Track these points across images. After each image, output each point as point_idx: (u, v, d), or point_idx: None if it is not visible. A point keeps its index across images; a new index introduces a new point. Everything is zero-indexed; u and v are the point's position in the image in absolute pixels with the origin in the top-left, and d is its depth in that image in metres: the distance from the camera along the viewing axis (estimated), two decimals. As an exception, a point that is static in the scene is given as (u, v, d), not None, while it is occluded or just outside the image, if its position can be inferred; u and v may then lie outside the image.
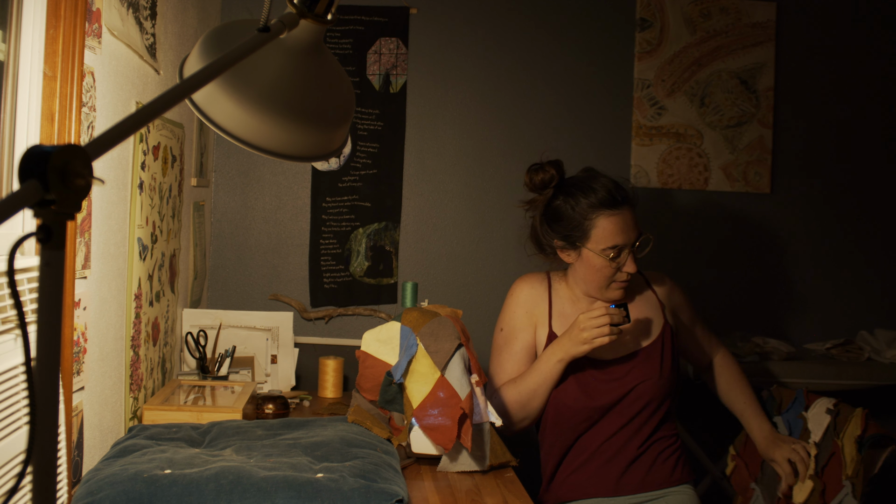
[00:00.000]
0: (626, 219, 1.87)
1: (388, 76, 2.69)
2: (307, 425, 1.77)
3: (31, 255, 1.34)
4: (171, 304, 2.16)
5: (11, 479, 1.20)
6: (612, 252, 1.87)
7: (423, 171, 2.72)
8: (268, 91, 1.06)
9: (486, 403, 1.77)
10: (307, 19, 1.03)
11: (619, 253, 1.87)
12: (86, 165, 0.62)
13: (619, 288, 1.92)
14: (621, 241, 1.87)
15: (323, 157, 1.15)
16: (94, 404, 1.59)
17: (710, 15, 2.78)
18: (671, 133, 2.77)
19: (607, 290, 1.92)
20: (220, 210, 2.67)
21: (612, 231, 1.86)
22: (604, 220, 1.87)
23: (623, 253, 1.88)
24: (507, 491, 1.64)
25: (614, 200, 1.87)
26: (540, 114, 2.75)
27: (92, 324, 1.55)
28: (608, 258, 1.87)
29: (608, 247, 1.86)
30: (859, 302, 2.83)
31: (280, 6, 1.07)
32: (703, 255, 2.80)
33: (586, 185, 1.91)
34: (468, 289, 2.73)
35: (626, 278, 1.90)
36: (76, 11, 1.38)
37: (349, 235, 2.69)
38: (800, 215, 2.83)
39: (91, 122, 1.50)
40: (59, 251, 0.61)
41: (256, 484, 1.34)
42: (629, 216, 1.88)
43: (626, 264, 1.88)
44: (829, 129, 2.84)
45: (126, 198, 1.73)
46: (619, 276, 1.90)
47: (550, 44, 2.75)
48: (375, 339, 1.90)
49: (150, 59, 1.87)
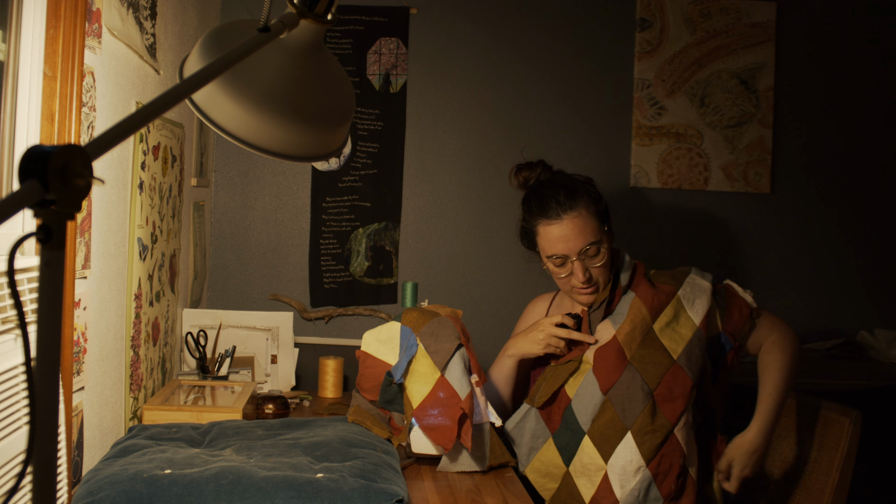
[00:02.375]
0: (566, 229, 1.81)
1: (388, 76, 2.69)
2: (307, 425, 1.77)
3: (31, 255, 1.34)
4: (171, 304, 2.16)
5: (11, 479, 1.20)
6: (556, 260, 1.85)
7: (423, 171, 2.72)
8: (268, 91, 1.06)
9: (486, 403, 1.77)
10: (307, 19, 1.03)
11: (564, 262, 1.84)
12: (86, 165, 0.62)
13: (583, 293, 1.87)
14: (560, 251, 1.83)
15: (323, 157, 1.15)
16: (94, 404, 1.59)
17: (710, 15, 2.78)
18: (671, 133, 2.77)
19: (575, 296, 1.91)
20: (220, 210, 2.67)
21: (551, 241, 1.84)
22: (543, 230, 1.85)
23: (568, 262, 1.84)
24: (507, 491, 1.64)
25: (554, 211, 1.83)
26: (540, 114, 2.75)
27: (92, 324, 1.55)
28: (555, 266, 1.86)
29: (549, 255, 1.85)
30: (859, 302, 2.83)
31: (280, 6, 1.07)
32: (702, 255, 2.80)
33: (537, 192, 1.89)
34: (468, 289, 2.73)
35: (581, 287, 1.85)
36: (76, 11, 1.38)
37: (349, 235, 2.69)
38: (800, 215, 2.83)
39: (91, 122, 1.50)
40: (59, 251, 0.61)
41: (256, 484, 1.34)
42: (570, 226, 1.81)
43: (575, 274, 1.83)
44: (829, 129, 2.84)
45: (126, 198, 1.73)
46: (574, 283, 1.86)
47: (550, 44, 2.75)
48: (375, 339, 1.90)
49: (150, 59, 1.87)
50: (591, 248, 1.83)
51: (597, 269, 1.86)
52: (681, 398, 1.78)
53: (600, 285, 1.89)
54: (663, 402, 1.78)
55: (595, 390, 1.80)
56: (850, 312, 2.83)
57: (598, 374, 1.81)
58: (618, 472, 1.76)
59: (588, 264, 1.84)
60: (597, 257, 1.85)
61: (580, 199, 1.84)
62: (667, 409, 1.77)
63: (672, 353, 1.82)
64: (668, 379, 1.79)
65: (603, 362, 1.82)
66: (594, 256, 1.84)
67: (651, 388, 1.78)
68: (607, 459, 1.77)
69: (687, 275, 1.94)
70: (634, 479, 1.75)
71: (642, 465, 1.75)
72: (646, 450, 1.75)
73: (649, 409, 1.77)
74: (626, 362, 1.81)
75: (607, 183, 2.75)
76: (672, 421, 1.77)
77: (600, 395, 1.80)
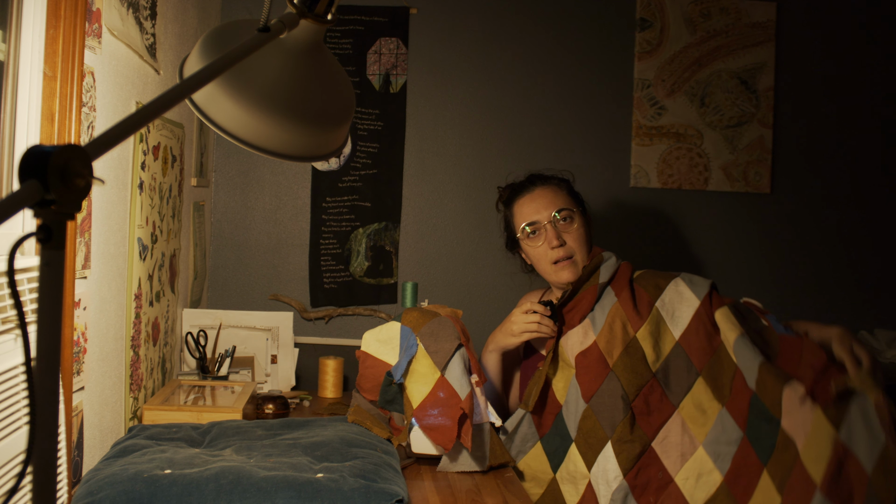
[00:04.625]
0: (536, 196, 1.97)
1: (388, 76, 2.69)
2: (307, 425, 1.77)
3: (31, 255, 1.34)
4: (171, 304, 2.16)
5: (11, 479, 1.20)
6: (528, 229, 1.94)
7: (423, 171, 2.72)
8: (268, 91, 1.06)
9: (486, 403, 1.77)
10: (307, 19, 1.03)
11: (536, 230, 1.94)
12: (86, 165, 0.62)
13: (563, 268, 1.93)
14: (532, 218, 1.95)
15: (323, 157, 1.15)
16: (94, 404, 1.59)
17: (710, 15, 2.78)
18: (671, 133, 2.77)
19: (555, 274, 1.94)
20: (220, 210, 2.67)
21: (524, 212, 1.97)
22: (517, 206, 2.00)
23: (541, 229, 1.94)
24: (507, 491, 1.64)
25: (523, 185, 2.00)
26: (540, 114, 2.75)
27: (92, 324, 1.55)
28: (527, 237, 1.95)
29: (523, 227, 1.95)
30: (859, 302, 2.83)
31: (280, 6, 1.07)
32: (702, 255, 2.80)
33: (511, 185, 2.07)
34: (468, 289, 2.73)
35: (558, 255, 1.92)
36: (76, 11, 1.38)
37: (349, 235, 2.69)
38: (800, 215, 2.83)
39: (91, 122, 1.50)
40: (59, 251, 0.61)
41: (256, 484, 1.34)
42: (541, 194, 1.97)
43: (548, 239, 1.92)
44: (829, 130, 2.83)
45: (126, 198, 1.73)
46: (550, 254, 1.93)
47: (550, 44, 2.75)
48: (375, 339, 1.90)
49: (150, 59, 1.87)
50: (564, 212, 1.93)
51: (570, 236, 1.92)
52: (657, 413, 1.74)
53: (577, 258, 1.92)
54: (640, 414, 1.74)
55: (578, 397, 1.78)
56: (849, 312, 2.83)
57: (580, 381, 1.79)
58: (600, 481, 1.72)
59: (561, 229, 1.92)
60: (570, 225, 1.93)
61: (550, 179, 2.02)
62: (643, 422, 1.73)
63: (651, 366, 1.78)
64: (646, 392, 1.75)
65: (585, 370, 1.79)
66: (566, 222, 1.93)
67: (630, 398, 1.74)
68: (590, 468, 1.74)
69: (671, 280, 1.87)
70: (611, 489, 1.70)
71: (619, 475, 1.70)
72: (623, 459, 1.70)
73: (629, 419, 1.73)
74: (608, 370, 1.77)
75: (607, 183, 2.75)
76: (649, 434, 1.73)
77: (583, 403, 1.77)
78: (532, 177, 2.04)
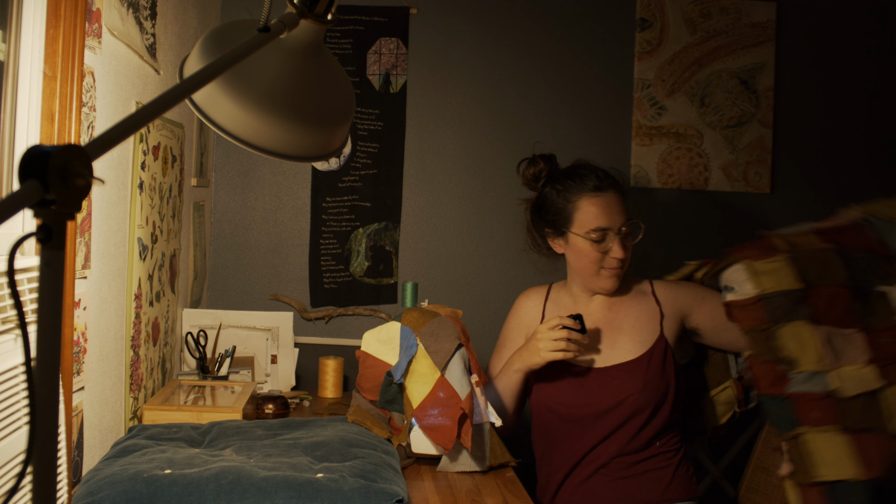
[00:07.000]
0: (611, 201, 1.86)
1: (388, 76, 2.69)
2: (307, 425, 1.77)
3: (31, 255, 1.34)
4: (171, 304, 2.16)
5: (11, 479, 1.20)
6: (595, 234, 1.84)
7: (423, 171, 2.72)
8: (268, 91, 1.06)
9: (486, 404, 1.77)
10: (307, 19, 1.03)
11: (604, 237, 1.85)
12: (86, 165, 0.62)
13: (611, 276, 1.87)
14: (605, 224, 1.84)
15: (323, 157, 1.15)
16: (94, 404, 1.59)
17: (710, 15, 2.78)
18: (671, 133, 2.77)
19: (598, 279, 1.88)
20: (220, 210, 2.67)
21: (594, 213, 1.85)
22: (586, 203, 1.86)
23: (608, 237, 1.85)
24: (507, 491, 1.64)
25: (598, 183, 1.87)
26: (540, 114, 2.75)
27: (92, 324, 1.55)
28: (592, 241, 1.85)
29: (591, 229, 1.85)
30: (859, 302, 2.83)
31: (280, 6, 1.07)
32: (702, 255, 2.79)
33: (572, 171, 1.92)
34: (468, 289, 2.73)
35: (615, 265, 1.86)
36: (76, 11, 1.38)
37: (349, 235, 2.69)
38: (800, 215, 2.82)
39: (91, 122, 1.50)
40: (59, 251, 0.61)
41: (256, 484, 1.34)
42: (614, 199, 1.86)
43: (613, 249, 1.84)
44: (829, 129, 2.83)
45: (126, 198, 1.73)
46: (607, 262, 1.86)
47: (550, 43, 2.75)
48: (375, 339, 1.90)
49: (150, 59, 1.87)
50: (630, 225, 1.87)
51: (628, 249, 1.88)
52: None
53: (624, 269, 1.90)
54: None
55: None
56: (850, 312, 2.82)
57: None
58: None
59: (624, 243, 1.87)
60: (632, 238, 1.88)
61: (616, 182, 1.91)
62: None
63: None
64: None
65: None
66: (629, 236, 1.88)
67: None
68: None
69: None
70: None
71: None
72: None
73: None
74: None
75: (607, 183, 2.75)
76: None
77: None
78: (601, 173, 1.90)
